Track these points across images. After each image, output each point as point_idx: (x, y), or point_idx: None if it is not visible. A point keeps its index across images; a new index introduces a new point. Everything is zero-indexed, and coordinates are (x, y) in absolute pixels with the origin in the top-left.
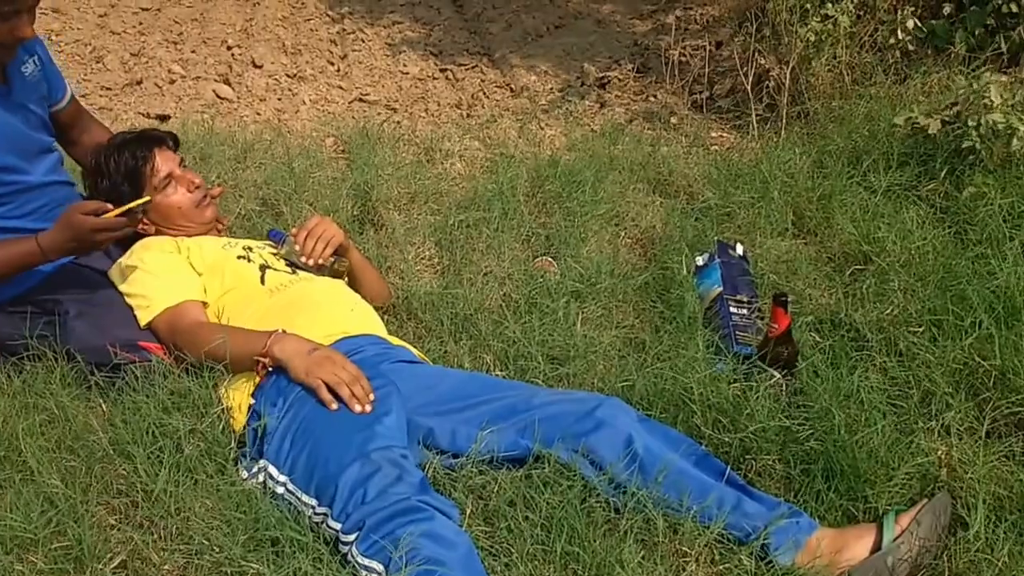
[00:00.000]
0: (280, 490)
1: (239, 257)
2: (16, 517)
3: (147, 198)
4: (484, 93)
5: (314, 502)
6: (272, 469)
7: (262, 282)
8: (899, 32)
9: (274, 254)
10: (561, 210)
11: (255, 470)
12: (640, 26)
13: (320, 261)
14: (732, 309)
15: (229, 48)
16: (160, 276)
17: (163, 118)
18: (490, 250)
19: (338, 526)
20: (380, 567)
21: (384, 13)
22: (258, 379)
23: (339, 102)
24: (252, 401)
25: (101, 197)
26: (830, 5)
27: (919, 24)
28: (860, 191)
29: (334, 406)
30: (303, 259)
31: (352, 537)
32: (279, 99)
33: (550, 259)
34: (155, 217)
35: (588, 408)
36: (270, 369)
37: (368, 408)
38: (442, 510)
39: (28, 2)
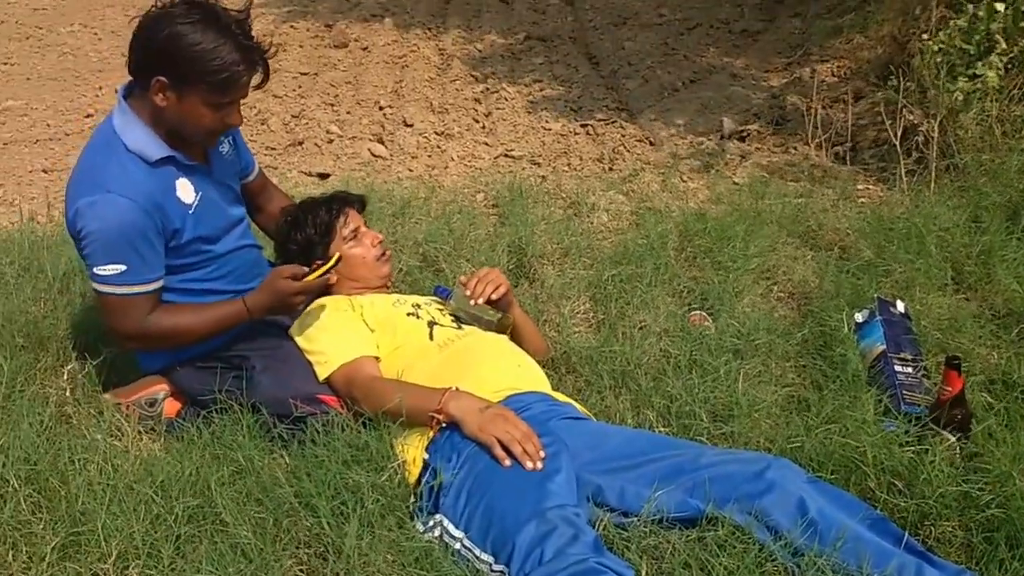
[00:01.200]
0: (457, 546)
1: (408, 314)
2: (212, 568)
3: (338, 255)
4: (625, 147)
5: (491, 559)
6: (448, 524)
7: (431, 338)
8: None
9: (440, 309)
10: (712, 264)
11: (431, 524)
12: (775, 79)
13: (492, 296)
14: (897, 368)
15: (381, 108)
16: (336, 333)
17: (323, 176)
18: (644, 304)
19: None
20: None
21: (524, 72)
22: (432, 434)
23: (485, 158)
24: (426, 455)
25: (294, 248)
26: (979, 64)
27: None
28: (1022, 247)
29: (507, 463)
30: (472, 301)
31: None
32: (429, 156)
33: (704, 313)
34: (340, 267)
35: (757, 469)
36: (444, 425)
37: (539, 465)
38: (619, 572)
39: (242, 94)
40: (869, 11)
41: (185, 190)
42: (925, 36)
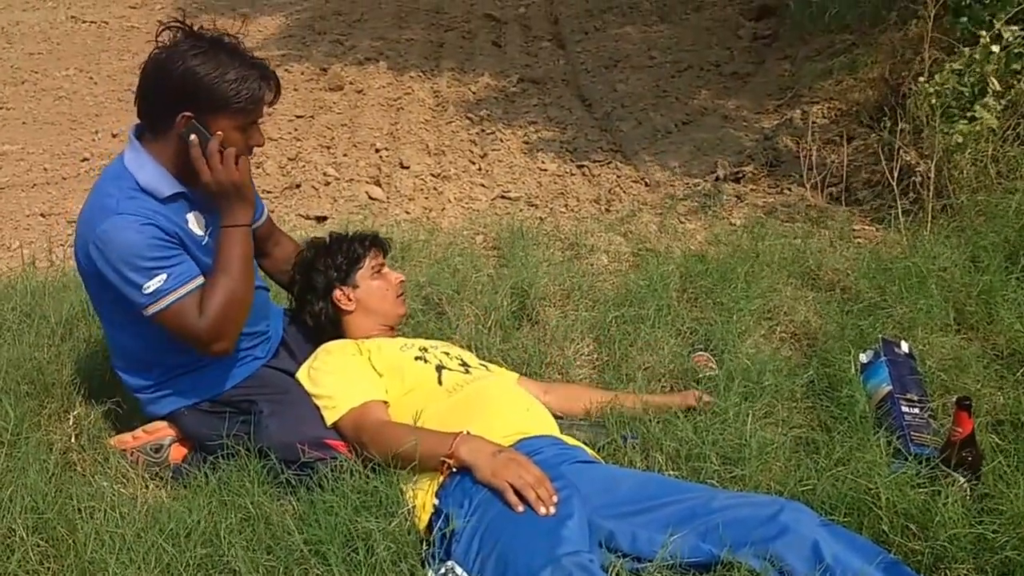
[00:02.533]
0: None
1: (416, 358)
2: None
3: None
4: (621, 188)
5: None
6: (461, 571)
7: (439, 382)
8: None
9: (447, 352)
10: (714, 305)
11: (443, 571)
12: (766, 121)
13: None
14: (904, 408)
15: (377, 151)
16: (344, 377)
17: (321, 219)
18: (648, 346)
19: None
20: None
21: (519, 114)
22: (441, 478)
23: (482, 199)
24: (436, 501)
25: (320, 270)
26: (978, 107)
27: None
28: (1022, 287)
29: (520, 508)
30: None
31: None
32: (426, 198)
33: (708, 355)
34: (361, 295)
35: (770, 513)
36: (454, 469)
37: (552, 510)
38: None
39: (261, 112)
40: (858, 53)
41: (197, 223)
42: (921, 78)
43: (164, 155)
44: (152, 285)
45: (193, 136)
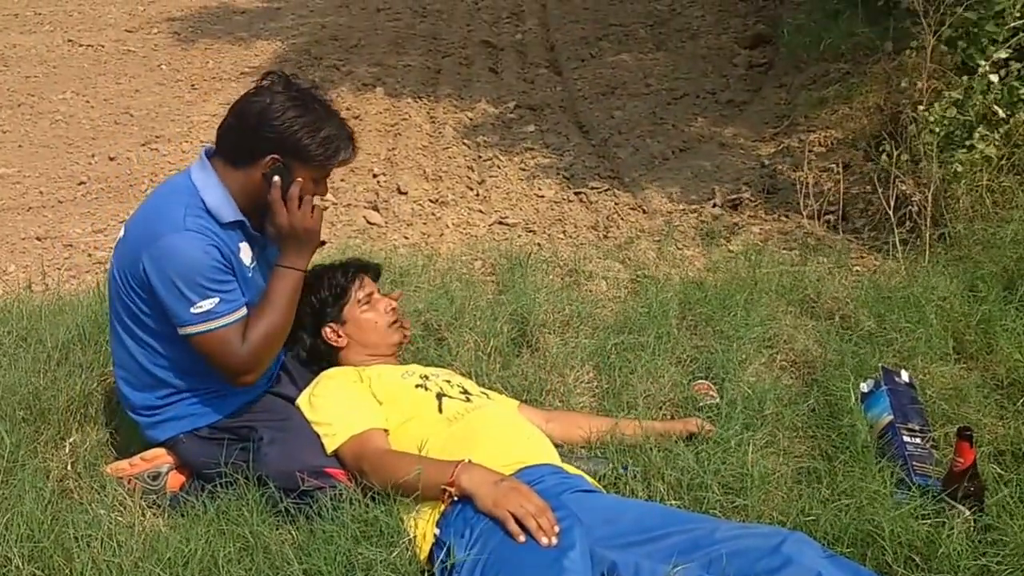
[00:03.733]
0: None
1: (417, 386)
2: None
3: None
4: (619, 215)
5: None
6: None
7: (440, 411)
8: None
9: (448, 380)
10: (714, 333)
11: None
12: (763, 149)
13: None
14: (905, 438)
15: (375, 176)
16: (344, 405)
17: (320, 243)
18: (648, 374)
19: None
20: None
21: (516, 140)
22: (442, 507)
23: (480, 225)
24: (436, 530)
25: (307, 311)
26: (976, 137)
27: None
28: (1020, 316)
29: (522, 538)
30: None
31: None
32: (424, 223)
33: (708, 383)
34: (351, 329)
35: (773, 544)
36: (455, 498)
37: (554, 540)
38: None
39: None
40: (853, 82)
41: (246, 253)
42: (920, 107)
43: (235, 183)
44: (205, 305)
45: (277, 178)
